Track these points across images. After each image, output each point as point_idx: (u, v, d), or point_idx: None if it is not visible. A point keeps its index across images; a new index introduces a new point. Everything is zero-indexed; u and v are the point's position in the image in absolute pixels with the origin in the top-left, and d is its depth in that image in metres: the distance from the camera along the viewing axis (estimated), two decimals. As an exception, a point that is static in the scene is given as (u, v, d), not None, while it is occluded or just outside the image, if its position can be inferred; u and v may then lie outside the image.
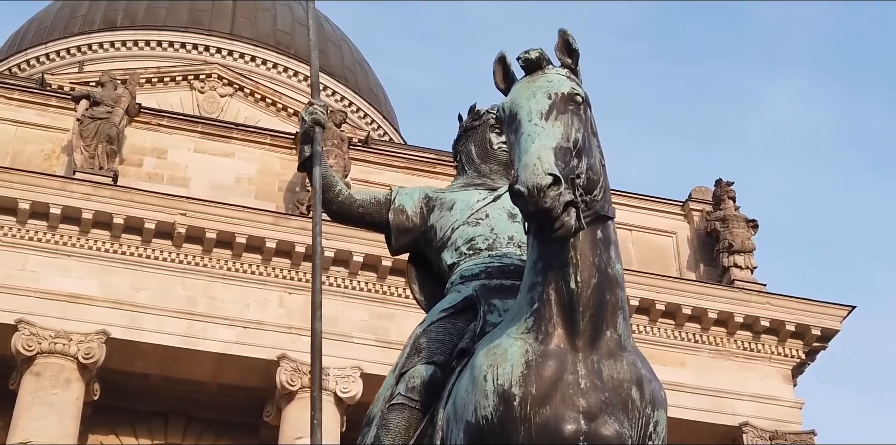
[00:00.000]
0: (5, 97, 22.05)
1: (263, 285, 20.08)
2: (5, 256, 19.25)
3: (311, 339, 5.59)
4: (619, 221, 20.55)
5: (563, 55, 5.27)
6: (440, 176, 23.38)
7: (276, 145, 22.94)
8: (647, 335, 21.64)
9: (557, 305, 5.05)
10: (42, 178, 20.02)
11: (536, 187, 4.65)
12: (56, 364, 18.32)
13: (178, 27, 32.04)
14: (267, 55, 32.51)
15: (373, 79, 36.10)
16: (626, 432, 4.93)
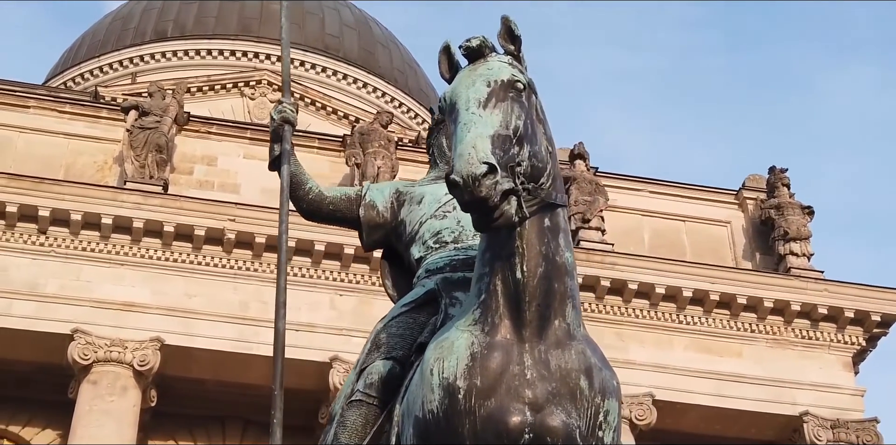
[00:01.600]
0: (57, 111, 22.36)
1: (314, 287, 20.17)
2: (60, 266, 19.54)
3: (275, 338, 5.58)
4: (672, 212, 20.46)
5: (505, 42, 5.18)
6: (488, 174, 23.38)
7: (323, 149, 23.06)
8: (702, 326, 21.46)
9: (504, 295, 4.98)
10: (93, 189, 20.30)
11: (471, 176, 4.56)
12: (112, 372, 18.56)
13: (228, 35, 32.33)
14: (316, 59, 32.68)
15: (423, 79, 36.12)
16: (573, 422, 4.84)
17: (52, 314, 18.95)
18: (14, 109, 22.07)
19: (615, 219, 22.68)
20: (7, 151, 21.34)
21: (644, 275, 21.38)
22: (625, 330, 21.15)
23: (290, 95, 6.19)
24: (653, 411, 20.25)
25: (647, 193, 23.78)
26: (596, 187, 22.67)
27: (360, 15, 35.81)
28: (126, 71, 32.11)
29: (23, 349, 19.07)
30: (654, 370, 20.70)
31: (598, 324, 21.01)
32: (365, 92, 33.06)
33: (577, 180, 22.53)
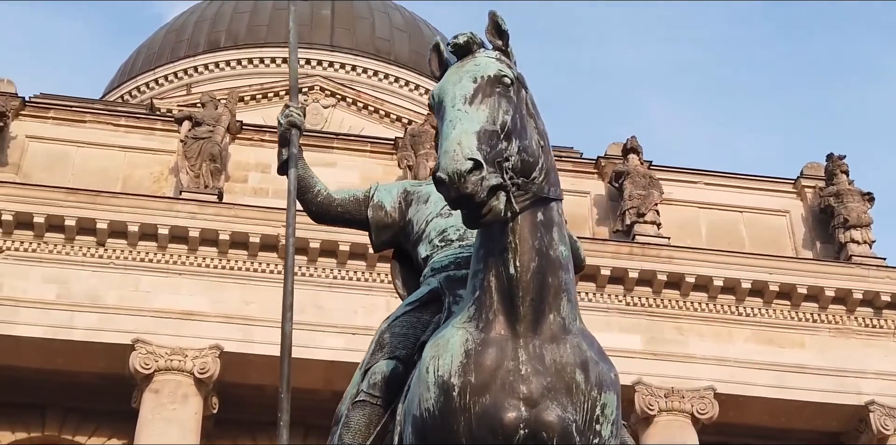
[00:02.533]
0: (113, 124, 22.67)
1: (369, 291, 20.27)
2: (119, 278, 19.81)
3: (281, 340, 5.59)
4: (730, 203, 20.23)
5: (493, 37, 5.15)
6: (543, 171, 23.33)
7: (376, 152, 23.15)
8: (762, 318, 21.24)
9: (498, 291, 4.96)
10: (149, 200, 20.56)
11: (456, 172, 4.56)
12: (173, 381, 18.78)
13: (279, 43, 32.54)
14: (367, 64, 32.82)
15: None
16: (569, 416, 4.80)
17: (113, 325, 19.22)
18: (71, 124, 22.43)
19: (671, 212, 22.54)
20: (65, 165, 21.68)
21: (701, 268, 21.21)
22: (684, 324, 21.00)
23: (297, 100, 6.20)
24: (714, 405, 20.08)
25: (702, 185, 23.59)
26: (650, 181, 22.52)
27: (409, 17, 35.89)
28: (181, 82, 32.47)
29: (86, 360, 19.37)
30: (715, 363, 20.53)
31: (656, 319, 20.92)
32: (417, 94, 33.12)
33: (630, 175, 22.41)
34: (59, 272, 19.76)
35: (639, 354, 20.36)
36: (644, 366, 20.19)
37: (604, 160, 23.24)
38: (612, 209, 22.58)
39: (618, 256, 21.10)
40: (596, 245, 21.29)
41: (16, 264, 19.79)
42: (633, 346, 20.42)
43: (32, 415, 20.01)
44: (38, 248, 19.95)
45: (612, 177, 22.69)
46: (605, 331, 20.40)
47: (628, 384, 19.97)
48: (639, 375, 20.04)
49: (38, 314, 19.24)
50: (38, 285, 19.55)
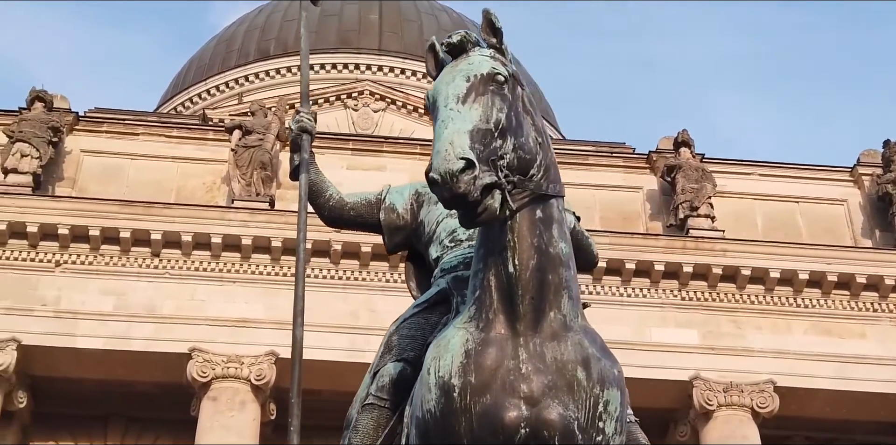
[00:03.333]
0: (165, 136, 22.91)
1: (420, 293, 20.26)
2: (175, 287, 20.02)
3: (293, 345, 5.59)
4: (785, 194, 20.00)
5: (487, 35, 5.11)
6: (593, 168, 23.22)
7: (426, 154, 23.14)
8: (821, 309, 20.97)
9: (497, 290, 4.94)
10: (201, 209, 20.76)
11: (448, 172, 4.52)
12: (231, 388, 18.94)
13: (328, 49, 32.70)
14: (416, 66, 32.85)
15: (525, 78, 36.00)
16: (571, 414, 4.77)
17: (170, 335, 19.42)
18: (124, 137, 22.70)
19: (726, 205, 22.33)
20: (120, 178, 21.95)
21: (757, 260, 20.99)
22: (741, 317, 20.79)
23: (308, 105, 6.22)
24: (775, 398, 19.85)
25: (757, 176, 23.35)
26: (703, 174, 22.32)
27: (457, 18, 35.89)
28: (232, 92, 32.74)
29: (144, 370, 19.60)
30: (774, 356, 20.31)
31: (712, 313, 20.74)
32: (466, 95, 33.04)
33: (682, 168, 22.23)
34: (116, 284, 20.01)
35: (696, 349, 20.22)
36: (701, 361, 20.04)
37: (655, 155, 23.08)
38: (666, 204, 22.42)
39: (671, 250, 20.96)
40: (648, 241, 21.18)
41: (73, 277, 20.08)
42: (689, 341, 20.28)
43: (95, 426, 20.30)
44: (94, 260, 20.22)
45: (663, 171, 22.52)
46: (661, 327, 20.30)
47: (685, 379, 19.86)
48: (696, 370, 19.89)
49: (96, 325, 19.51)
50: (96, 297, 19.81)
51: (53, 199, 20.82)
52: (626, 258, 20.69)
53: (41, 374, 19.75)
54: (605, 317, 20.24)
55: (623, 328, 20.19)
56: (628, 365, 18.50)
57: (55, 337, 19.40)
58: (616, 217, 22.43)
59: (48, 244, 20.22)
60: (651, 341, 20.18)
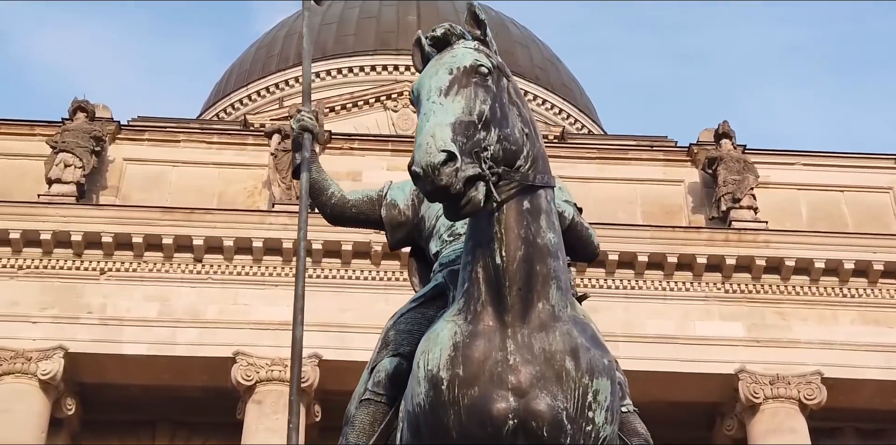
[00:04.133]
0: (206, 142, 23.08)
1: (463, 292, 20.26)
2: (218, 292, 20.16)
3: (292, 344, 5.59)
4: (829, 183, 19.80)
5: (471, 28, 5.14)
6: (633, 162, 23.12)
7: (465, 153, 23.16)
8: (867, 298, 20.74)
9: (485, 282, 4.94)
10: (242, 214, 20.89)
11: (430, 165, 4.52)
12: (275, 391, 19.04)
13: (367, 51, 32.77)
14: (455, 66, 32.77)
15: (565, 74, 35.92)
16: (560, 404, 4.76)
17: (214, 339, 19.56)
18: (166, 144, 22.91)
19: (769, 196, 22.13)
20: (162, 185, 22.14)
21: (801, 250, 20.78)
22: (786, 309, 20.59)
23: (309, 104, 6.22)
24: (822, 390, 19.63)
25: (800, 166, 23.13)
26: (745, 165, 22.14)
27: (496, 17, 35.82)
28: (273, 97, 32.89)
29: (190, 374, 19.76)
30: (821, 347, 20.09)
31: (757, 305, 20.57)
32: (506, 92, 33.01)
33: (723, 160, 22.07)
34: (160, 290, 20.20)
35: (741, 341, 20.06)
36: (747, 353, 19.88)
37: (696, 147, 22.93)
38: (708, 197, 22.26)
39: (713, 243, 20.80)
40: (690, 234, 21.05)
41: (118, 284, 20.29)
42: (734, 334, 20.13)
43: (143, 430, 20.52)
44: (138, 267, 20.42)
45: (704, 164, 22.36)
46: (705, 320, 20.16)
47: (731, 372, 19.70)
48: (742, 363, 19.74)
49: (141, 331, 19.70)
50: (140, 303, 20.01)
51: (97, 207, 21.05)
52: (668, 252, 20.58)
53: (89, 381, 19.99)
54: (648, 312, 20.20)
55: (666, 322, 20.10)
56: (672, 360, 18.46)
57: (101, 344, 19.61)
58: (658, 211, 22.32)
59: (93, 252, 20.44)
60: (695, 334, 20.05)
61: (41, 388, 19.18)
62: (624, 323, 20.08)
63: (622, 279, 20.57)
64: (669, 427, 20.64)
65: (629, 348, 19.80)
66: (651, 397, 20.07)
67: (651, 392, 20.02)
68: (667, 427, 20.65)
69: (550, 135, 27.78)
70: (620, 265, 20.57)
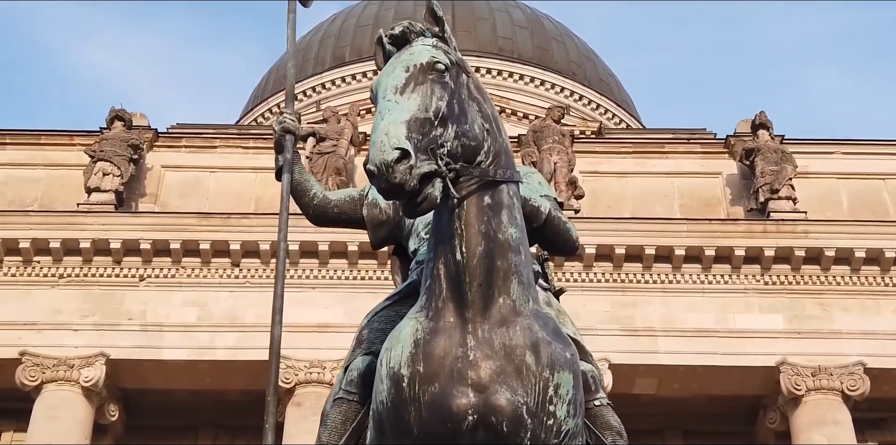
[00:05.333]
0: (242, 147, 23.21)
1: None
2: (255, 296, 20.25)
3: (270, 343, 5.61)
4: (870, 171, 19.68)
5: (430, 25, 5.15)
6: (670, 156, 23.01)
7: (500, 151, 23.11)
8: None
9: (446, 279, 4.96)
10: (276, 218, 20.79)
11: (384, 163, 4.53)
12: (314, 393, 19.10)
13: (403, 52, 32.72)
14: (490, 64, 32.78)
15: (602, 68, 35.77)
16: (520, 399, 4.77)
17: (253, 343, 19.59)
18: (203, 150, 23.07)
19: (809, 186, 21.91)
20: (200, 191, 22.30)
21: (840, 240, 20.54)
22: (827, 299, 20.37)
23: (292, 106, 6.23)
24: (865, 380, 19.40)
25: (839, 154, 22.88)
26: (782, 156, 21.93)
27: (531, 13, 35.76)
28: (310, 100, 33.00)
29: (230, 378, 19.88)
30: (863, 337, 19.85)
31: (797, 296, 20.38)
32: (543, 89, 32.97)
33: (761, 151, 21.88)
34: (199, 295, 20.34)
35: (781, 333, 19.88)
36: (788, 345, 19.70)
37: (733, 139, 22.76)
38: (746, 188, 22.09)
39: (751, 235, 20.62)
40: (727, 226, 20.88)
41: (157, 290, 20.46)
42: (774, 326, 19.95)
43: (186, 435, 20.69)
44: (176, 273, 20.58)
45: (742, 155, 22.18)
46: (745, 312, 20.01)
47: (772, 364, 19.53)
48: (783, 355, 19.56)
49: (181, 337, 19.86)
50: (180, 309, 20.16)
51: (134, 215, 21.24)
52: (706, 245, 20.43)
53: (131, 387, 20.19)
54: (687, 305, 20.07)
55: (705, 315, 19.97)
56: (712, 353, 18.31)
57: (142, 350, 19.79)
58: (696, 204, 22.18)
59: (132, 260, 20.63)
60: (735, 327, 19.89)
61: (84, 395, 19.39)
62: (662, 318, 20.00)
63: (660, 273, 20.46)
64: (712, 420, 20.56)
65: (668, 342, 19.74)
66: (692, 391, 20.05)
67: (691, 386, 19.96)
68: (709, 421, 20.59)
69: (588, 130, 27.69)
70: (658, 260, 20.46)
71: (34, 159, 22.67)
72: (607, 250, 20.45)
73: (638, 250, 20.45)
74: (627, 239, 20.45)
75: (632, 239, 20.44)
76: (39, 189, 22.30)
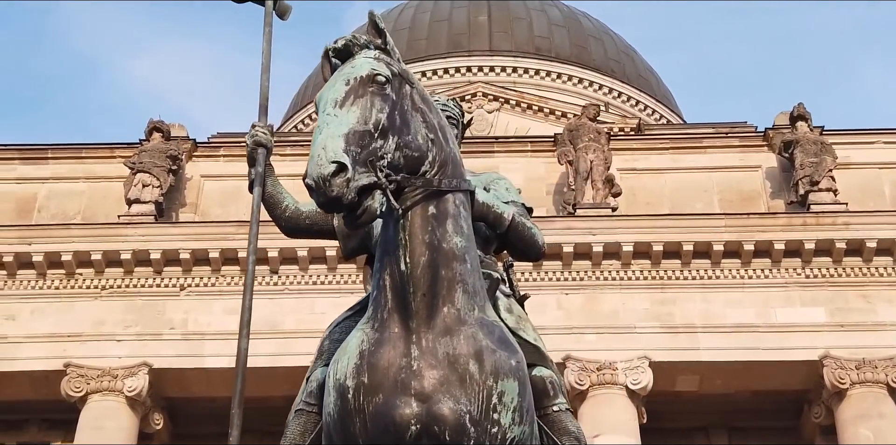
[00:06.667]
0: (280, 154, 23.20)
1: (538, 290, 20.08)
2: (294, 302, 20.38)
3: (237, 356, 5.64)
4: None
5: (373, 37, 5.19)
6: (708, 150, 22.84)
7: (537, 151, 23.07)
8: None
9: (391, 289, 5.00)
10: (315, 224, 21.03)
11: (320, 177, 4.58)
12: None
13: (440, 55, 32.86)
14: (528, 64, 32.76)
15: (641, 65, 35.60)
16: (463, 408, 4.78)
17: (294, 349, 19.68)
18: (241, 159, 22.86)
19: (850, 177, 21.66)
20: (239, 199, 22.38)
21: (882, 231, 20.29)
22: (870, 291, 20.11)
23: (265, 119, 6.26)
24: (911, 372, 19.15)
25: (881, 144, 22.60)
26: (822, 147, 21.70)
27: (568, 12, 35.70)
28: (350, 106, 33.10)
29: (272, 385, 19.88)
30: (908, 328, 19.58)
31: (839, 288, 20.15)
32: (581, 87, 32.91)
33: (800, 143, 21.65)
34: (239, 303, 20.06)
35: (824, 327, 19.66)
36: (831, 339, 19.48)
37: (771, 131, 22.55)
38: (786, 181, 21.87)
39: (791, 228, 20.42)
40: (766, 220, 20.69)
41: (198, 299, 20.63)
42: (816, 319, 19.73)
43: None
44: (216, 282, 20.74)
45: (780, 147, 21.97)
46: (786, 306, 19.82)
47: (815, 358, 19.31)
48: (825, 348, 19.33)
49: (222, 345, 19.94)
50: (220, 317, 20.31)
51: (173, 225, 21.43)
52: (745, 240, 20.25)
53: (174, 395, 20.37)
54: (727, 301, 19.92)
55: (746, 310, 19.80)
56: (754, 349, 18.15)
57: (184, 359, 19.96)
58: (736, 198, 22.00)
59: (172, 269, 20.83)
60: (776, 322, 19.70)
61: (128, 404, 19.61)
62: (703, 314, 19.86)
63: (699, 269, 20.31)
64: (756, 416, 20.37)
65: (709, 339, 19.59)
66: (735, 387, 19.88)
67: (734, 382, 19.79)
68: (754, 417, 20.41)
69: (626, 127, 27.59)
70: (696, 256, 20.31)
71: (76, 173, 22.95)
72: (645, 248, 20.33)
73: (676, 247, 20.32)
74: (665, 236, 20.33)
75: (669, 236, 20.32)
76: (82, 202, 22.57)
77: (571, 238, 20.23)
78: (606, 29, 36.15)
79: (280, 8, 6.40)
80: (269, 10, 6.36)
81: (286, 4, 6.43)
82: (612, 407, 18.81)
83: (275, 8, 6.40)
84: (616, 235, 20.32)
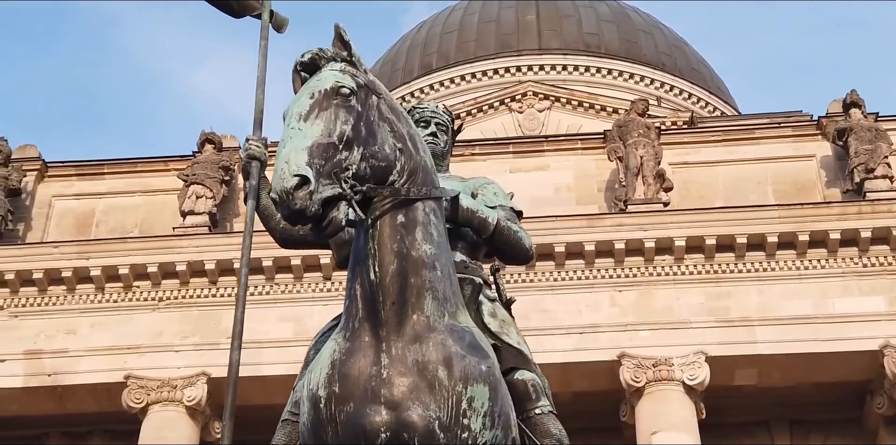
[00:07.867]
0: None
1: (591, 288, 20.11)
2: (320, 310, 20.34)
3: (228, 369, 5.65)
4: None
5: (339, 49, 5.24)
6: (761, 141, 22.62)
7: (587, 148, 22.96)
8: None
9: (362, 298, 5.05)
10: (366, 230, 21.11)
11: (284, 190, 4.64)
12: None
13: (489, 56, 32.87)
14: (577, 61, 32.66)
15: (693, 57, 35.32)
16: (432, 414, 4.81)
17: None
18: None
19: (908, 163, 21.28)
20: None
21: (940, 217, 19.92)
22: (930, 278, 19.76)
23: (259, 132, 6.28)
24: (958, 366, 18.75)
25: (937, 128, 22.17)
26: (877, 134, 21.38)
27: (617, 7, 35.53)
28: (403, 109, 33.26)
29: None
30: (971, 319, 19.19)
31: (896, 279, 19.83)
32: (632, 83, 32.74)
33: (853, 130, 21.35)
34: (293, 310, 20.60)
35: (883, 316, 19.34)
36: (890, 328, 19.16)
37: (824, 120, 22.25)
38: (841, 169, 21.58)
39: (846, 217, 20.12)
40: (820, 209, 20.42)
41: (253, 308, 20.55)
42: (875, 308, 19.43)
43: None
44: (270, 290, 20.89)
45: (834, 136, 21.67)
46: (844, 296, 19.55)
47: (875, 348, 19.01)
48: (885, 338, 19.01)
49: (279, 352, 20.08)
50: (276, 325, 20.44)
51: (227, 235, 21.60)
52: (799, 230, 19.99)
53: (234, 404, 20.45)
54: (784, 293, 19.68)
55: (803, 302, 19.55)
56: (812, 340, 17.88)
57: (242, 367, 19.88)
58: (790, 189, 21.74)
59: (227, 279, 21.02)
60: (834, 312, 19.41)
61: (188, 414, 19.81)
62: (759, 306, 19.64)
63: (753, 261, 20.08)
64: (818, 409, 20.10)
65: (766, 331, 19.38)
66: (794, 380, 19.63)
67: (793, 374, 19.55)
68: (815, 410, 20.13)
69: (679, 121, 27.38)
70: (750, 248, 20.08)
71: (132, 187, 23.25)
72: (698, 242, 20.14)
73: (729, 240, 20.11)
74: (717, 229, 20.13)
75: (722, 229, 20.12)
76: (139, 216, 22.86)
77: (623, 235, 20.11)
78: (656, 22, 35.92)
79: (277, 21, 6.41)
80: (265, 23, 6.38)
81: (283, 18, 6.45)
82: (669, 404, 18.66)
83: (271, 21, 6.41)
84: (668, 230, 20.16)
